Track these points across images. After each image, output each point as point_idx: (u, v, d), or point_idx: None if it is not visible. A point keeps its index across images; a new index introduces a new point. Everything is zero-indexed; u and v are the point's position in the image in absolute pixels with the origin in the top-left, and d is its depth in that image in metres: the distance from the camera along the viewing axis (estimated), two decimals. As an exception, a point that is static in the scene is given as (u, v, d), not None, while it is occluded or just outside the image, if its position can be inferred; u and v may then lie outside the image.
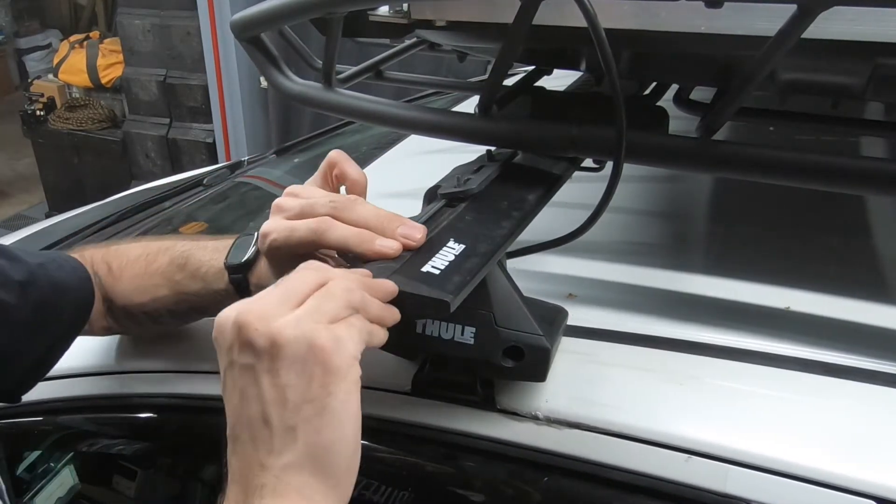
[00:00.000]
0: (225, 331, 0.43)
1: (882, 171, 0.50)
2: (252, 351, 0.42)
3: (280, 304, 0.43)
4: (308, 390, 0.41)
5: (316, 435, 0.41)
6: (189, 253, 0.65)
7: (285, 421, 0.41)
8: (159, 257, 0.66)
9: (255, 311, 0.42)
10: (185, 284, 0.64)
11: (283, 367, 0.41)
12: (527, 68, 0.83)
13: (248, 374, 0.42)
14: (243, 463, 0.42)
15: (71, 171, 4.00)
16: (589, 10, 0.49)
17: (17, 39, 5.72)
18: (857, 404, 0.53)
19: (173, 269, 0.65)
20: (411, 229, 0.51)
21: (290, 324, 0.41)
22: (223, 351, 0.43)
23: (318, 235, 0.51)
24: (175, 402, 0.75)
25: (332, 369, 0.41)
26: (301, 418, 0.41)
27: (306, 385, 0.41)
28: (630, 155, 0.56)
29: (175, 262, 0.65)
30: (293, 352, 0.41)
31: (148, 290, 0.66)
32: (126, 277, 0.67)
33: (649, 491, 0.52)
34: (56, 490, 0.88)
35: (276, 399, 0.41)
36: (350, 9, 0.62)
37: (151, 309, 0.67)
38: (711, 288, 0.68)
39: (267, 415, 0.41)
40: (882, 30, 0.46)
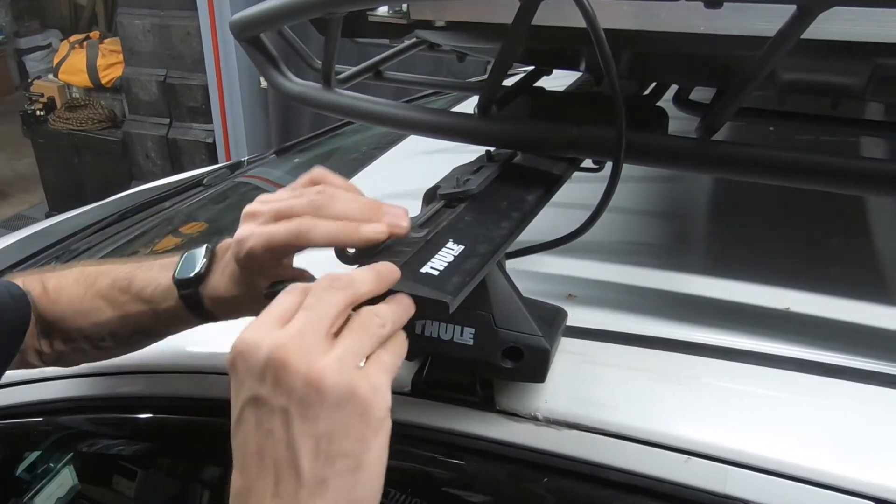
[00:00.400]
0: (253, 361, 0.39)
1: (882, 171, 0.50)
2: (288, 393, 0.38)
3: (316, 336, 0.39)
4: (344, 443, 0.39)
5: (349, 492, 0.39)
6: (132, 274, 0.63)
7: (316, 473, 0.38)
8: (99, 280, 0.63)
9: (294, 348, 0.38)
10: (129, 307, 0.62)
11: (322, 416, 0.38)
12: (526, 68, 0.83)
13: (279, 417, 0.38)
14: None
15: (71, 171, 4.00)
16: (588, 10, 0.49)
17: (17, 39, 5.72)
18: (856, 405, 0.53)
19: (116, 292, 0.62)
20: (395, 216, 0.49)
21: (334, 368, 0.38)
22: (246, 382, 0.39)
23: (301, 236, 0.49)
24: (175, 402, 0.75)
25: (372, 422, 0.39)
26: (334, 472, 0.39)
27: (343, 436, 0.39)
28: (630, 155, 0.56)
29: (117, 285, 0.62)
30: (334, 399, 0.38)
31: (88, 314, 0.63)
32: (64, 300, 0.64)
33: (648, 492, 0.52)
34: (56, 490, 0.88)
35: (309, 449, 0.38)
36: (350, 9, 0.62)
37: (92, 332, 0.64)
38: (711, 288, 0.68)
39: (297, 463, 0.38)
40: (882, 30, 0.46)
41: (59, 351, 0.66)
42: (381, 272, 0.44)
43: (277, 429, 0.38)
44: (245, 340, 0.40)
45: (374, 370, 0.41)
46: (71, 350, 0.66)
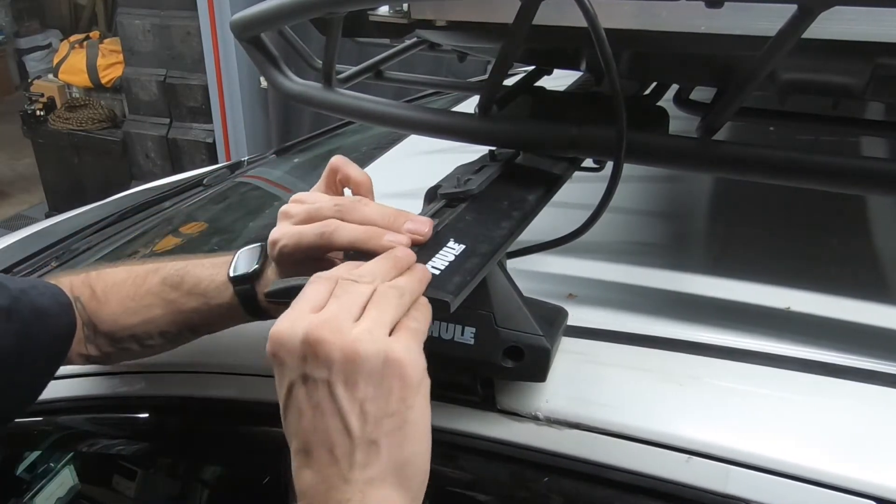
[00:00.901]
0: (291, 345, 0.42)
1: (882, 171, 0.50)
2: (328, 365, 0.41)
3: (347, 315, 0.42)
4: (388, 404, 0.41)
5: (398, 449, 0.42)
6: (184, 270, 0.63)
7: (367, 434, 0.41)
8: (149, 278, 0.64)
9: (329, 325, 0.41)
10: (181, 303, 0.63)
11: (362, 381, 0.41)
12: (527, 68, 0.83)
13: (323, 388, 0.41)
14: (320, 477, 0.42)
15: (71, 171, 4.00)
16: (589, 9, 0.49)
17: (17, 39, 5.72)
18: (857, 404, 0.53)
19: (167, 289, 0.63)
20: (418, 224, 0.51)
21: (366, 337, 0.41)
22: (290, 365, 0.42)
23: (327, 238, 0.51)
24: (175, 402, 0.75)
25: (410, 382, 0.42)
26: (383, 432, 0.41)
27: (386, 398, 0.41)
28: (630, 155, 0.56)
29: (168, 282, 0.63)
30: (371, 365, 0.41)
31: (139, 312, 0.64)
32: (114, 300, 0.65)
33: (650, 491, 0.52)
34: (56, 490, 0.88)
35: (356, 412, 0.41)
36: (350, 9, 0.62)
37: (142, 331, 0.65)
38: (711, 288, 0.68)
39: (349, 428, 0.41)
40: (882, 30, 0.46)
41: (105, 353, 0.67)
42: (399, 259, 0.47)
43: (324, 400, 0.41)
44: (281, 329, 0.43)
45: (403, 335, 0.43)
46: (118, 350, 0.67)
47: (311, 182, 1.56)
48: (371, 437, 0.41)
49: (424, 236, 0.51)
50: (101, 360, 0.69)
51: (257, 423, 0.71)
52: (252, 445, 0.75)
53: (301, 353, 0.42)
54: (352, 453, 0.41)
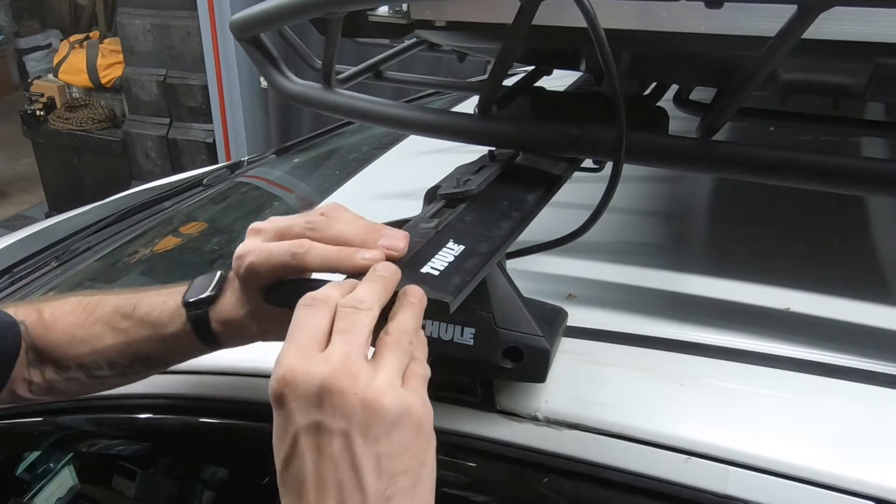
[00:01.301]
0: (305, 390, 0.40)
1: (882, 171, 0.50)
2: (348, 417, 0.39)
3: (360, 361, 0.41)
4: (403, 460, 0.40)
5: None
6: (137, 299, 0.61)
7: (381, 491, 0.40)
8: (101, 307, 0.62)
9: (347, 372, 0.40)
10: (132, 332, 0.60)
11: (382, 436, 0.40)
12: (527, 68, 0.83)
13: (339, 440, 0.39)
14: None
15: (71, 171, 4.00)
16: (589, 10, 0.49)
17: (17, 39, 5.72)
18: (856, 405, 0.53)
19: (118, 318, 0.61)
20: (392, 239, 0.49)
21: (386, 389, 0.40)
22: (300, 411, 0.40)
23: (299, 259, 0.49)
24: (175, 402, 0.75)
25: (425, 438, 0.41)
26: (398, 489, 0.40)
27: (402, 454, 0.40)
28: (630, 155, 0.56)
29: (120, 311, 0.61)
30: (392, 420, 0.40)
31: (87, 340, 0.61)
32: (61, 327, 0.62)
33: (649, 492, 0.52)
34: (56, 490, 0.88)
35: (372, 468, 0.40)
36: (350, 9, 0.62)
37: (90, 361, 0.62)
38: (711, 288, 0.68)
39: (362, 484, 0.39)
40: (882, 30, 0.46)
41: (50, 380, 0.64)
42: (388, 280, 0.46)
43: (339, 452, 0.39)
44: (293, 370, 0.40)
45: (417, 385, 0.42)
46: (63, 380, 0.64)
47: (311, 182, 1.56)
48: (385, 495, 0.40)
49: (400, 252, 0.49)
50: (45, 390, 0.65)
51: (257, 423, 0.71)
52: (252, 445, 0.75)
53: (317, 399, 0.39)
54: (369, 496, 0.39)
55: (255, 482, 0.75)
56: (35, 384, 0.64)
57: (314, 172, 1.55)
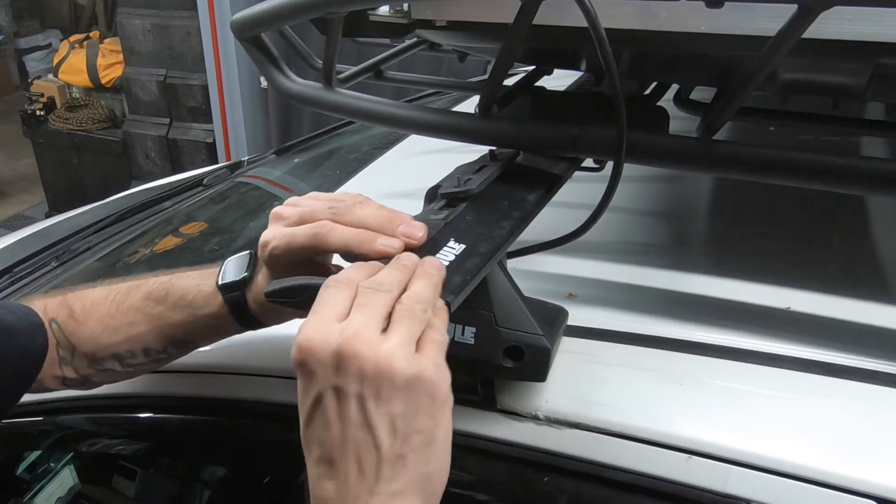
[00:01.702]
0: (323, 356, 0.42)
1: (882, 171, 0.50)
2: (361, 379, 0.41)
3: (376, 327, 0.42)
4: (416, 420, 0.42)
5: (424, 464, 0.42)
6: (169, 283, 0.62)
7: (395, 450, 0.42)
8: (132, 294, 0.63)
9: (361, 338, 0.41)
10: (166, 316, 0.61)
11: (395, 397, 0.41)
12: (527, 68, 0.83)
13: (355, 402, 0.41)
14: (345, 488, 0.42)
15: (71, 171, 4.00)
16: (589, 9, 0.49)
17: (17, 39, 5.72)
18: (857, 404, 0.53)
19: (151, 303, 0.62)
20: (411, 227, 0.51)
21: (398, 353, 0.41)
22: (320, 375, 0.42)
23: (319, 240, 0.51)
24: (175, 402, 0.75)
25: (439, 399, 0.43)
26: (410, 448, 0.42)
27: (414, 415, 0.42)
28: (630, 155, 0.56)
29: (153, 296, 0.62)
30: (404, 382, 0.41)
31: (120, 330, 0.62)
32: (93, 319, 0.63)
33: (650, 491, 0.52)
34: (56, 490, 0.88)
35: (386, 428, 0.41)
36: (350, 9, 0.62)
37: (124, 350, 0.63)
38: (711, 288, 0.68)
39: (377, 442, 0.41)
40: (882, 30, 0.46)
41: (83, 375, 0.65)
42: (409, 269, 0.47)
43: (354, 413, 0.41)
44: (311, 339, 0.42)
45: (432, 351, 0.43)
46: (98, 372, 0.65)
47: (311, 182, 1.56)
48: (399, 453, 0.42)
49: (418, 241, 0.51)
50: (78, 383, 0.66)
51: (257, 423, 0.71)
52: (252, 445, 0.75)
53: (333, 364, 0.41)
54: (379, 467, 0.41)
55: (255, 481, 0.75)
56: (69, 379, 0.65)
57: (314, 172, 1.55)
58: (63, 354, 0.64)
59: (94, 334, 0.63)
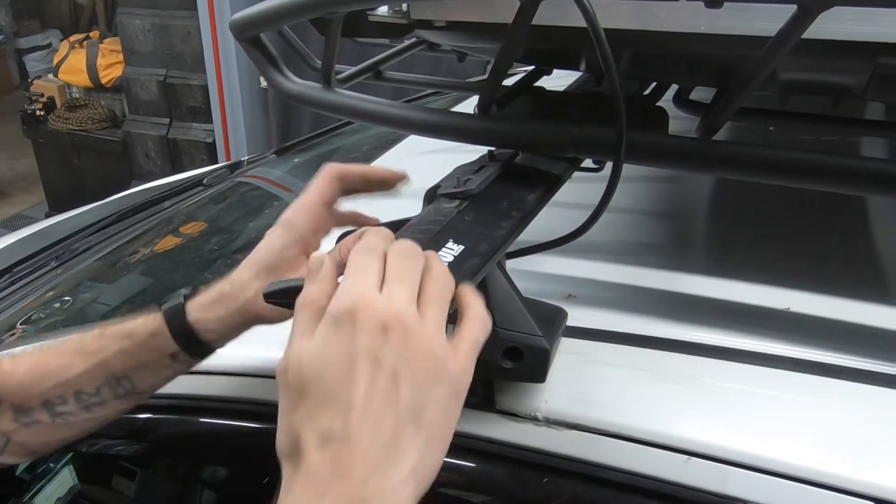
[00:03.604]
0: (368, 317, 0.41)
1: (882, 171, 0.50)
2: (402, 356, 0.41)
3: (415, 302, 0.42)
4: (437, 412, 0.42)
5: (431, 456, 0.41)
6: (105, 325, 0.61)
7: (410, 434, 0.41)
8: (67, 341, 0.61)
9: (409, 315, 0.41)
10: (103, 350, 0.60)
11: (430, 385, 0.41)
12: (527, 68, 0.83)
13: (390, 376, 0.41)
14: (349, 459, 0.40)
15: (71, 171, 4.00)
16: (588, 10, 0.49)
17: (17, 39, 5.72)
18: (856, 405, 0.53)
19: (87, 341, 0.60)
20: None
21: (439, 342, 0.42)
22: (361, 335, 0.41)
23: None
24: (175, 402, 0.75)
25: (460, 399, 0.43)
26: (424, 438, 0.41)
27: (438, 407, 0.42)
28: (630, 155, 0.56)
29: (88, 336, 0.61)
30: (446, 376, 0.42)
31: (51, 373, 0.60)
32: (22, 369, 0.61)
33: (648, 492, 0.52)
34: (56, 490, 0.88)
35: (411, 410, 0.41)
36: (350, 9, 0.62)
37: (55, 395, 0.60)
38: (711, 288, 0.68)
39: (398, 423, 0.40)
40: (882, 30, 0.46)
41: (5, 431, 0.61)
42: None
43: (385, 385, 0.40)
44: (363, 297, 0.41)
45: (470, 353, 0.44)
46: (22, 427, 0.61)
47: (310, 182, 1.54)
48: (413, 439, 0.40)
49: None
50: (4, 443, 0.62)
51: (257, 423, 0.71)
52: (252, 445, 0.75)
53: (379, 330, 0.40)
54: (392, 446, 0.40)
55: (255, 482, 0.75)
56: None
57: (314, 172, 1.55)
58: None
59: (23, 383, 0.60)
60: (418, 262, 0.44)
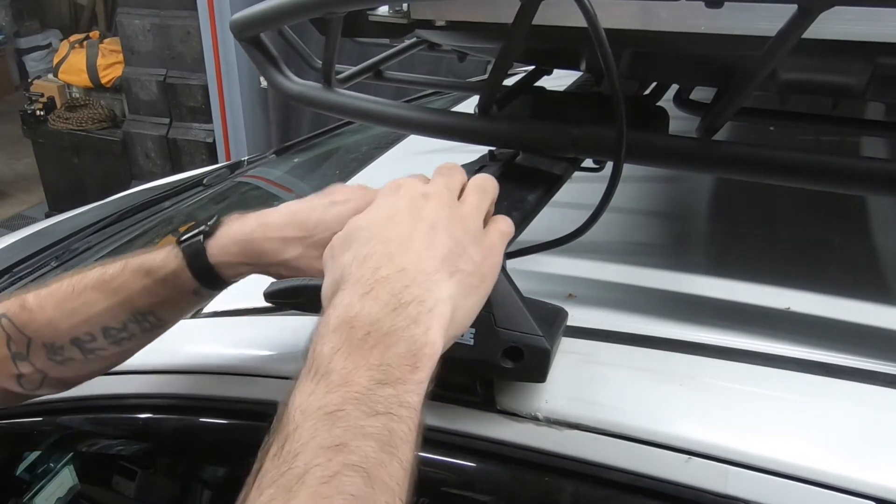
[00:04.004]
0: (414, 189, 0.48)
1: (882, 171, 0.50)
2: (444, 212, 0.46)
3: (452, 188, 0.49)
4: (471, 264, 0.46)
5: (469, 297, 0.46)
6: (125, 260, 0.61)
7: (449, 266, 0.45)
8: (88, 276, 0.61)
9: (447, 194, 0.48)
10: (125, 287, 0.60)
11: (468, 243, 0.46)
12: (527, 68, 0.83)
13: (428, 221, 0.46)
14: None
15: (71, 171, 4.00)
16: (589, 9, 0.49)
17: (17, 39, 5.72)
18: (857, 405, 0.53)
19: (108, 277, 0.60)
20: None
21: (475, 214, 0.48)
22: (409, 193, 0.47)
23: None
24: (175, 402, 0.75)
25: (489, 280, 0.48)
26: (459, 280, 0.45)
27: (469, 264, 0.46)
28: (630, 155, 0.56)
29: (109, 272, 0.61)
30: (480, 244, 0.48)
31: (78, 311, 0.60)
32: (49, 306, 0.61)
33: (649, 492, 0.52)
34: (56, 490, 0.88)
35: (447, 248, 0.45)
36: (350, 9, 0.62)
37: (83, 332, 0.61)
38: (711, 288, 0.68)
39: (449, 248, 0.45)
40: (882, 30, 0.46)
41: (42, 369, 0.62)
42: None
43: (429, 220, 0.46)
44: (406, 180, 0.49)
45: (500, 241, 0.50)
46: (57, 363, 0.62)
47: (311, 182, 1.55)
48: (448, 269, 0.44)
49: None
50: (37, 382, 0.63)
51: (257, 423, 0.71)
52: (252, 445, 0.75)
53: (423, 195, 0.47)
54: (433, 271, 0.43)
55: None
56: (25, 376, 0.62)
57: (314, 172, 1.55)
58: (16, 350, 0.61)
59: (51, 321, 0.61)
60: (458, 172, 0.51)
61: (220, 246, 0.59)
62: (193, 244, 0.59)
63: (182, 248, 0.59)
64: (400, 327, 0.41)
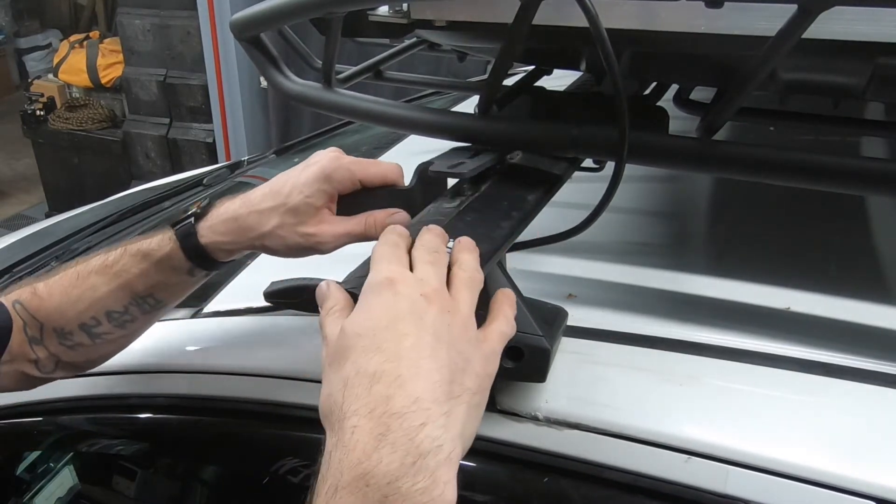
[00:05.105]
0: (412, 290, 0.43)
1: (882, 171, 0.50)
2: (457, 308, 0.44)
3: (441, 279, 0.45)
4: (472, 378, 0.44)
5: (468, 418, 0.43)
6: (125, 246, 0.64)
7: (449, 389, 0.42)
8: (91, 262, 0.65)
9: (444, 293, 0.44)
10: (125, 271, 0.63)
11: (467, 350, 0.44)
12: (527, 68, 0.83)
13: (430, 334, 0.43)
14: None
15: (71, 171, 4.00)
16: (591, 9, 0.49)
17: (17, 39, 5.72)
18: (857, 405, 0.53)
19: (109, 263, 0.64)
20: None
21: (473, 321, 0.45)
22: (407, 298, 0.43)
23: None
24: (175, 402, 0.75)
25: (487, 385, 0.46)
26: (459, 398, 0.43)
27: (468, 370, 0.44)
28: (630, 155, 0.56)
29: (110, 257, 0.64)
30: (481, 353, 0.45)
31: (83, 297, 0.63)
32: (56, 293, 0.64)
33: (649, 492, 0.52)
34: (56, 490, 0.88)
35: (458, 364, 0.43)
36: (350, 9, 0.62)
37: (89, 317, 0.64)
38: (711, 288, 0.68)
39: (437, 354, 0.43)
40: (882, 30, 0.46)
41: (55, 353, 0.65)
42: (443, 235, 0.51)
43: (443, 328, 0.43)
44: (399, 272, 0.44)
45: (499, 344, 0.47)
46: (68, 348, 0.65)
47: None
48: (458, 386, 0.42)
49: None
50: (52, 365, 0.66)
51: (257, 423, 0.71)
52: (252, 445, 0.75)
53: (423, 297, 0.43)
54: (445, 395, 0.41)
55: (254, 482, 0.75)
56: (41, 360, 0.65)
57: (314, 172, 1.55)
58: (32, 334, 0.64)
59: (59, 307, 0.64)
60: (442, 250, 0.47)
61: (209, 227, 0.62)
62: (185, 226, 0.62)
63: (175, 231, 0.62)
64: (419, 490, 0.37)
